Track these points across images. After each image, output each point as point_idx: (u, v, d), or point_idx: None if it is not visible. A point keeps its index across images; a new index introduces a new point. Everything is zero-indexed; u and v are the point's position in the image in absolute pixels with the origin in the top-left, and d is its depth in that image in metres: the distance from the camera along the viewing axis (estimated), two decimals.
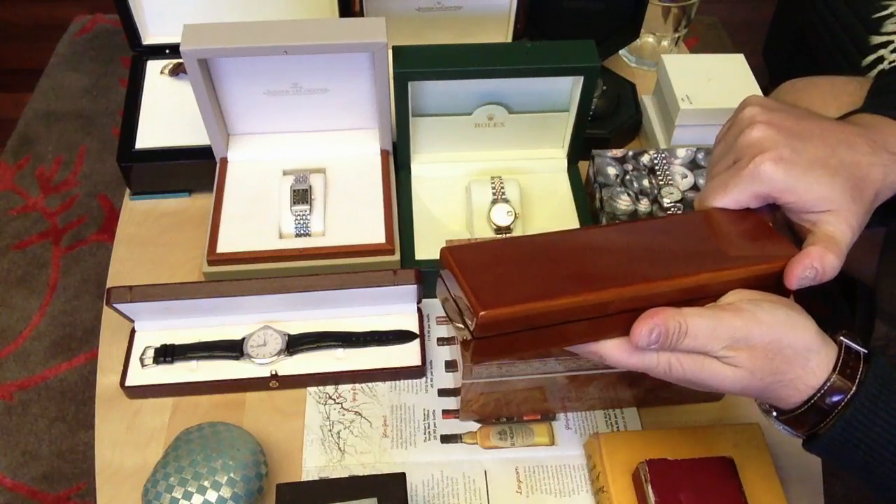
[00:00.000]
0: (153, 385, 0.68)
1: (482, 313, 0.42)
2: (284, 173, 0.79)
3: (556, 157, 0.82)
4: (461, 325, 0.46)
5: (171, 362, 0.69)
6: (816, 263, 0.47)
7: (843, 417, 0.46)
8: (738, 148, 0.51)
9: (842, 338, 0.48)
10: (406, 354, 0.70)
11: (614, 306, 0.45)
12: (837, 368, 0.46)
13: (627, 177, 0.77)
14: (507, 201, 0.76)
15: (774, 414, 0.50)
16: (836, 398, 0.46)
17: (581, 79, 0.73)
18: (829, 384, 0.46)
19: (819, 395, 0.46)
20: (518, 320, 0.44)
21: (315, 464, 0.65)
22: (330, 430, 0.67)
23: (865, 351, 0.48)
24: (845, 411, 0.46)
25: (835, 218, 0.48)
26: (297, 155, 0.80)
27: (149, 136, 0.82)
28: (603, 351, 0.47)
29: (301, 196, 0.75)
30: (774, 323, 0.46)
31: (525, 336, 0.45)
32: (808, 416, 0.47)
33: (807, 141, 0.50)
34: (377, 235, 0.74)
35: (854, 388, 0.46)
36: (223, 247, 0.73)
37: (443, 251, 0.47)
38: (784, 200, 0.49)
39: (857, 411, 0.46)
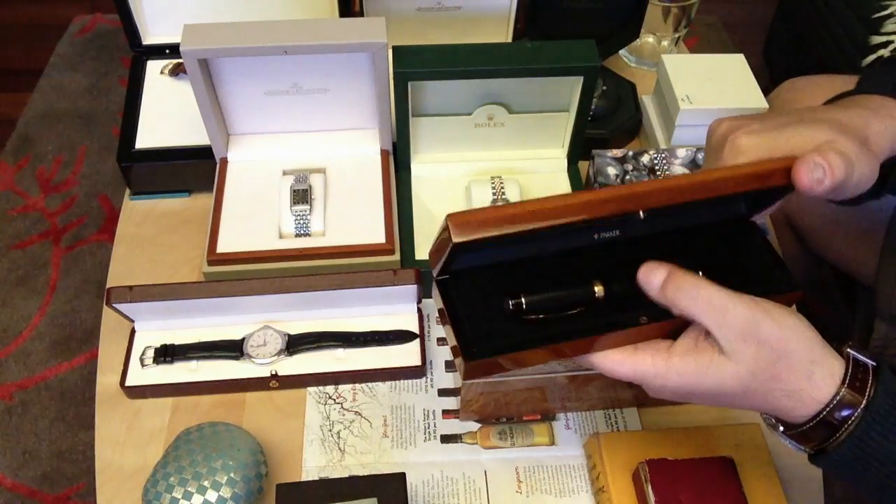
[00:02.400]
0: (153, 385, 0.68)
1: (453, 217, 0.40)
2: (284, 173, 0.79)
3: (556, 157, 0.82)
4: (453, 343, 0.46)
5: (171, 362, 0.69)
6: (820, 160, 0.45)
7: (854, 435, 0.44)
8: (712, 147, 0.51)
9: (849, 350, 0.46)
10: (406, 354, 0.70)
11: (602, 208, 0.43)
12: (846, 382, 0.45)
13: (627, 177, 0.77)
14: (507, 201, 0.76)
15: (781, 429, 0.48)
16: (845, 413, 0.45)
17: (581, 79, 0.73)
18: (838, 398, 0.45)
19: (828, 409, 0.45)
20: (494, 220, 0.41)
21: (315, 464, 0.65)
22: (330, 430, 0.67)
23: (874, 363, 0.46)
24: (856, 429, 0.44)
25: (832, 139, 0.47)
26: (297, 155, 0.80)
27: (149, 136, 0.82)
28: (595, 360, 0.47)
29: (301, 196, 0.75)
30: (784, 324, 0.45)
31: (518, 356, 0.46)
32: (817, 432, 0.46)
33: (774, 117, 0.50)
34: (377, 235, 0.74)
35: (864, 403, 0.44)
36: (223, 247, 0.73)
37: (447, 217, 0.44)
38: None
39: (868, 428, 0.44)
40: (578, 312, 0.48)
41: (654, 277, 0.46)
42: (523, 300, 0.47)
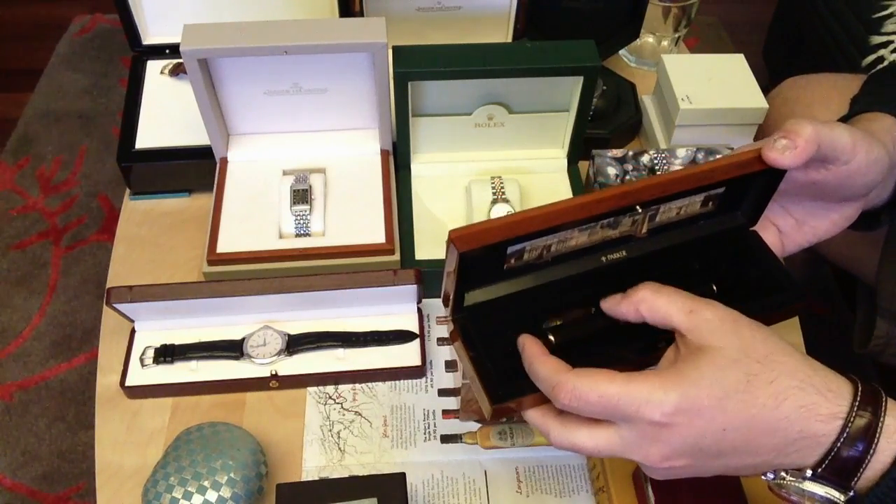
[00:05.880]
0: (153, 385, 0.68)
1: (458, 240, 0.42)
2: (284, 173, 0.79)
3: (556, 157, 0.82)
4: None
5: (171, 362, 0.69)
6: (779, 133, 0.46)
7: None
8: None
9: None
10: (406, 354, 0.70)
11: (601, 205, 0.44)
12: (859, 395, 0.40)
13: (627, 177, 0.77)
14: (507, 201, 0.76)
15: (809, 474, 0.41)
16: (865, 429, 0.39)
17: (581, 79, 0.73)
18: (857, 404, 0.40)
19: (855, 411, 0.40)
20: (496, 229, 0.42)
21: (315, 464, 0.65)
22: (330, 430, 0.67)
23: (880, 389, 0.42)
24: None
25: None
26: (297, 155, 0.80)
27: (149, 136, 0.82)
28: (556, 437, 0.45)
29: (301, 196, 0.75)
30: (757, 323, 0.43)
31: (541, 395, 0.45)
32: (851, 450, 0.40)
33: None
34: (377, 235, 0.74)
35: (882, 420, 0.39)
36: (223, 247, 0.73)
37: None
38: None
39: None
40: (600, 341, 0.48)
41: (617, 296, 0.45)
42: (549, 333, 0.46)
